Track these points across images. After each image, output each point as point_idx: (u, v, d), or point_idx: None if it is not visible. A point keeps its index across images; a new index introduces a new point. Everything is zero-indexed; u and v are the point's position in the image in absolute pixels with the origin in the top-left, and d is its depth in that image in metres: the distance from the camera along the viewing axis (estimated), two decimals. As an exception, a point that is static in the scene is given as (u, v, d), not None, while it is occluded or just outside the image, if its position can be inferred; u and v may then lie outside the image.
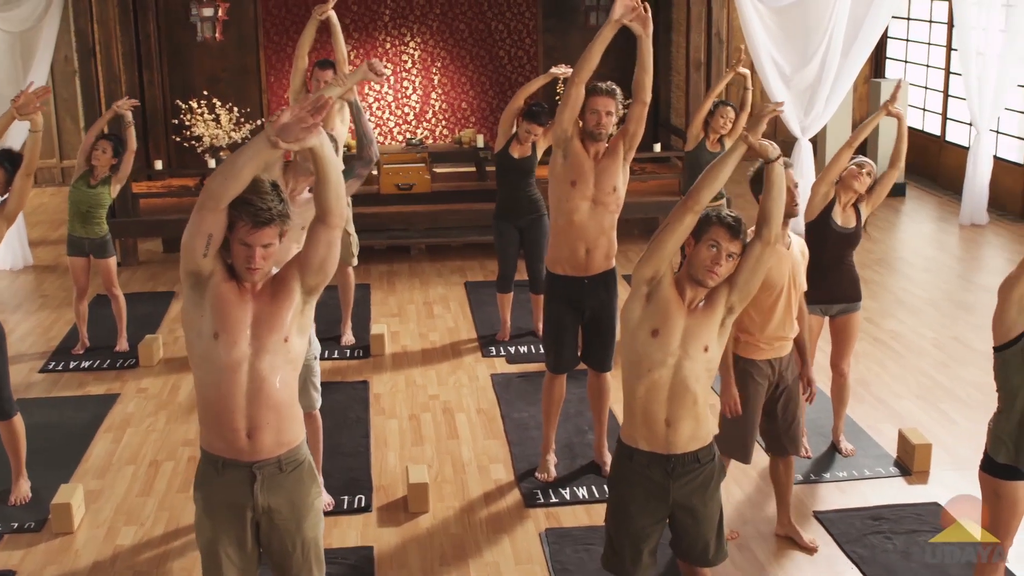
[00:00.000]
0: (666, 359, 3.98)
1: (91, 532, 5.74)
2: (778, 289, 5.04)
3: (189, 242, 3.65)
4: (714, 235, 4.01)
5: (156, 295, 9.72)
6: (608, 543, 4.25)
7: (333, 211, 3.71)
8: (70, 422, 7.04)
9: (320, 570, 3.99)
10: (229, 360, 3.68)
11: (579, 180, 5.82)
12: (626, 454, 4.13)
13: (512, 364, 7.99)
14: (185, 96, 12.00)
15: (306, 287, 3.78)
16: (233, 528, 3.84)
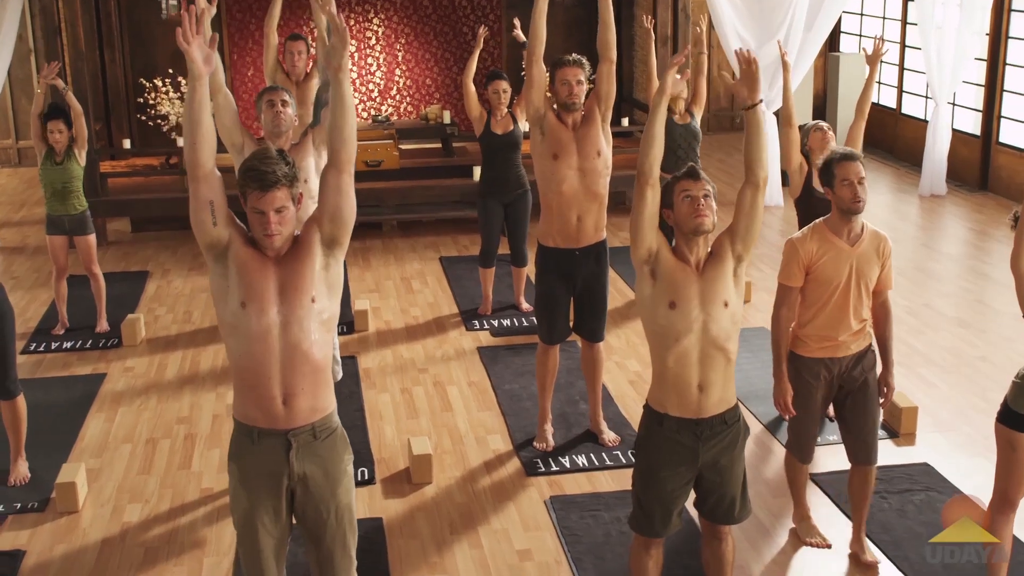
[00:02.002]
0: (691, 325, 4.06)
1: (96, 511, 5.75)
2: (833, 285, 4.85)
3: (195, 216, 3.70)
4: (680, 189, 4.08)
5: (130, 275, 9.68)
6: (637, 506, 4.34)
7: (341, 152, 3.74)
8: (59, 403, 7.01)
9: (353, 536, 4.05)
10: (259, 328, 3.71)
11: (560, 152, 5.90)
12: (655, 420, 4.22)
13: (496, 337, 8.08)
14: (147, 75, 11.91)
15: (325, 240, 3.78)
16: (269, 497, 3.89)
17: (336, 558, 4.00)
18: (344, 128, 3.72)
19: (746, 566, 5.11)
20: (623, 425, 6.56)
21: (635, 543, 4.44)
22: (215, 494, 5.88)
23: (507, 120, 8.13)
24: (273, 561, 3.97)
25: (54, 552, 5.37)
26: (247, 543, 3.95)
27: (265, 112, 5.69)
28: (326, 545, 3.97)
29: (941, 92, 11.85)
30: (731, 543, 4.49)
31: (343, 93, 3.70)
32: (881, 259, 4.87)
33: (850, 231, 4.82)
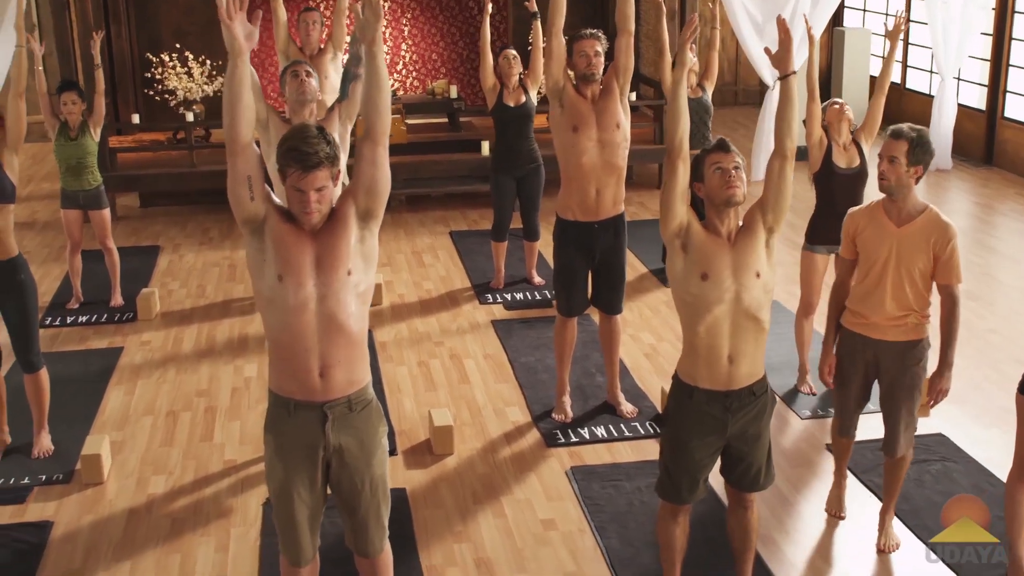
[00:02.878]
0: (723, 295, 4.10)
1: (121, 482, 5.80)
2: (871, 262, 4.83)
3: (233, 191, 3.71)
4: (711, 162, 4.11)
5: (141, 249, 9.70)
6: (664, 473, 4.39)
7: (376, 125, 3.75)
8: (78, 376, 7.05)
9: (387, 506, 4.11)
10: (296, 301, 3.74)
11: (580, 125, 5.94)
12: (685, 392, 4.26)
13: (510, 310, 8.13)
14: (153, 50, 11.90)
15: (360, 213, 3.81)
16: (305, 469, 3.93)
17: (370, 528, 4.05)
18: (379, 101, 3.74)
19: (768, 535, 5.17)
20: (640, 397, 6.61)
21: (662, 510, 4.50)
22: (238, 466, 5.94)
23: (518, 92, 8.17)
24: (308, 531, 4.03)
25: (81, 523, 5.42)
26: (283, 513, 4.00)
27: (289, 83, 5.72)
28: (360, 515, 4.03)
29: (947, 67, 11.88)
30: (756, 511, 4.55)
31: (377, 66, 3.73)
32: (933, 249, 4.71)
33: (899, 211, 4.78)
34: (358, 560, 4.17)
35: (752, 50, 11.28)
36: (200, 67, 11.39)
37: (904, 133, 4.75)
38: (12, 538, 5.28)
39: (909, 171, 4.74)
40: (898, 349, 4.90)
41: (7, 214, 5.76)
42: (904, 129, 4.78)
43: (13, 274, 5.78)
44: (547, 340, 7.44)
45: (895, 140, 4.72)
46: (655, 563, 4.90)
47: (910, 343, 4.89)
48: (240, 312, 8.19)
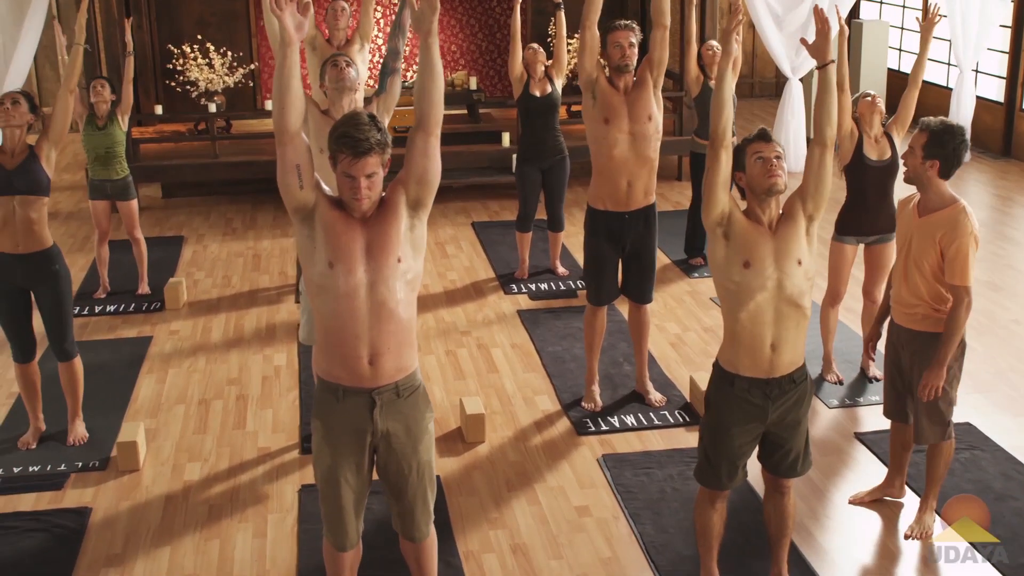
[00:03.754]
0: (765, 283, 4.14)
1: (156, 469, 5.86)
2: (898, 248, 4.98)
3: (282, 180, 3.76)
4: (752, 151, 4.15)
5: (165, 239, 9.76)
6: (704, 459, 4.44)
7: (429, 115, 3.80)
8: (109, 365, 7.11)
9: (433, 491, 4.16)
10: (347, 288, 3.79)
11: (612, 117, 5.97)
12: (727, 380, 4.31)
13: (535, 300, 8.18)
14: (174, 41, 11.95)
15: (411, 201, 3.85)
16: (352, 454, 3.98)
17: (417, 512, 4.11)
18: (433, 92, 3.78)
19: (799, 522, 5.21)
20: (667, 386, 6.66)
21: (700, 496, 4.54)
22: (272, 452, 5.99)
23: (544, 82, 8.21)
24: (353, 515, 4.09)
25: (120, 508, 5.48)
26: (330, 498, 4.06)
27: (329, 72, 5.76)
28: (408, 499, 4.08)
29: (965, 59, 11.90)
30: (793, 498, 4.60)
31: (432, 57, 3.77)
32: (940, 244, 4.75)
33: (924, 202, 4.86)
34: (403, 543, 4.23)
35: (771, 41, 11.31)
36: (221, 58, 11.45)
37: (925, 125, 4.82)
38: (53, 523, 5.34)
39: (924, 164, 4.79)
40: (911, 336, 4.98)
41: (41, 206, 5.81)
42: (928, 121, 4.84)
43: (48, 264, 5.83)
44: (574, 330, 7.49)
45: (917, 131, 4.82)
46: (689, 549, 4.96)
47: (922, 334, 4.93)
48: (267, 302, 8.25)
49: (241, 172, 10.86)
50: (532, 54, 8.21)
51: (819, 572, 4.86)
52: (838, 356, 6.89)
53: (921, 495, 5.26)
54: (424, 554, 4.22)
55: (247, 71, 11.79)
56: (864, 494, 5.45)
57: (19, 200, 5.70)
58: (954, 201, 4.81)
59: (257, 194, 11.09)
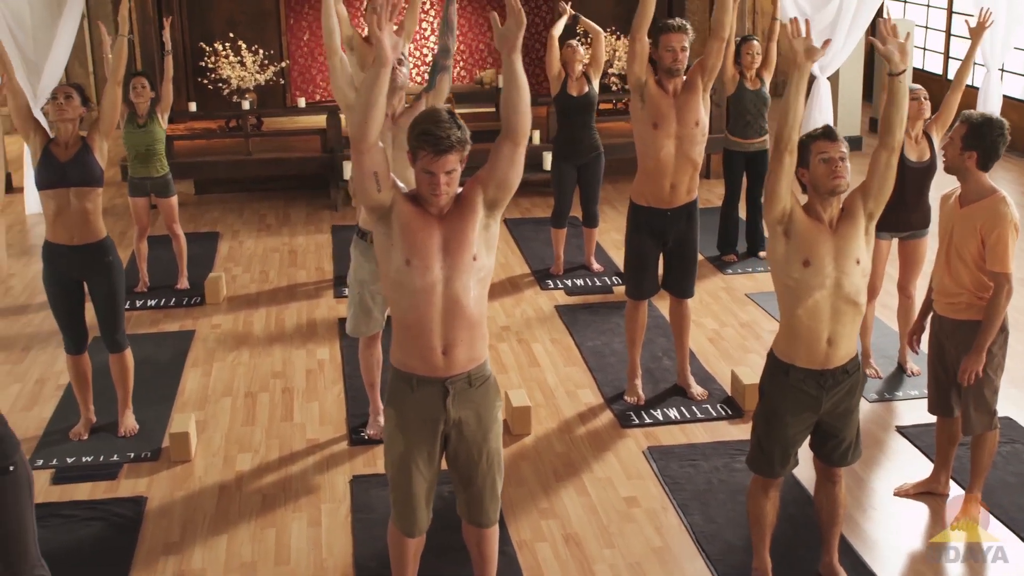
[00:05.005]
0: (823, 281, 4.21)
1: (208, 459, 5.95)
2: (940, 239, 5.06)
3: (359, 185, 3.84)
4: (817, 151, 4.18)
5: (201, 235, 9.84)
6: (757, 446, 4.53)
7: (518, 127, 3.85)
8: (154, 358, 7.19)
9: (501, 478, 4.24)
10: (423, 284, 3.87)
11: (660, 122, 6.03)
12: (782, 369, 4.38)
13: (571, 296, 8.26)
14: (206, 39, 12.06)
15: (488, 202, 3.93)
16: (425, 442, 4.07)
17: (486, 499, 4.20)
18: (519, 104, 3.81)
19: (848, 513, 5.26)
20: (708, 380, 6.73)
21: (753, 486, 4.62)
22: (321, 444, 6.08)
23: (581, 82, 8.28)
24: (423, 503, 4.17)
25: (174, 498, 5.57)
26: (401, 485, 4.14)
27: None
28: (476, 486, 4.17)
29: (992, 58, 11.93)
30: (843, 486, 4.68)
31: (515, 72, 3.79)
32: (980, 233, 4.85)
33: (964, 193, 4.95)
34: (467, 529, 4.32)
35: (800, 40, 11.35)
36: (252, 56, 11.55)
37: (967, 117, 4.92)
38: (110, 512, 5.43)
39: (963, 155, 4.88)
40: (955, 326, 5.04)
41: (96, 197, 5.90)
42: (970, 114, 4.94)
43: (102, 255, 5.92)
44: (612, 325, 7.57)
45: (959, 123, 4.91)
46: (739, 539, 5.04)
47: (965, 323, 5.00)
48: (306, 297, 8.34)
49: (273, 169, 10.97)
50: (571, 52, 8.28)
51: (867, 561, 4.93)
52: (875, 351, 6.95)
53: (966, 488, 5.33)
54: (487, 540, 4.30)
55: (277, 69, 11.88)
56: (910, 487, 5.52)
57: (74, 192, 5.79)
58: (994, 191, 4.91)
59: (289, 191, 11.20)
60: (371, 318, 5.89)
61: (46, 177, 5.77)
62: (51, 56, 10.52)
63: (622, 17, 13.05)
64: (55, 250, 5.86)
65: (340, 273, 8.73)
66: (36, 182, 5.84)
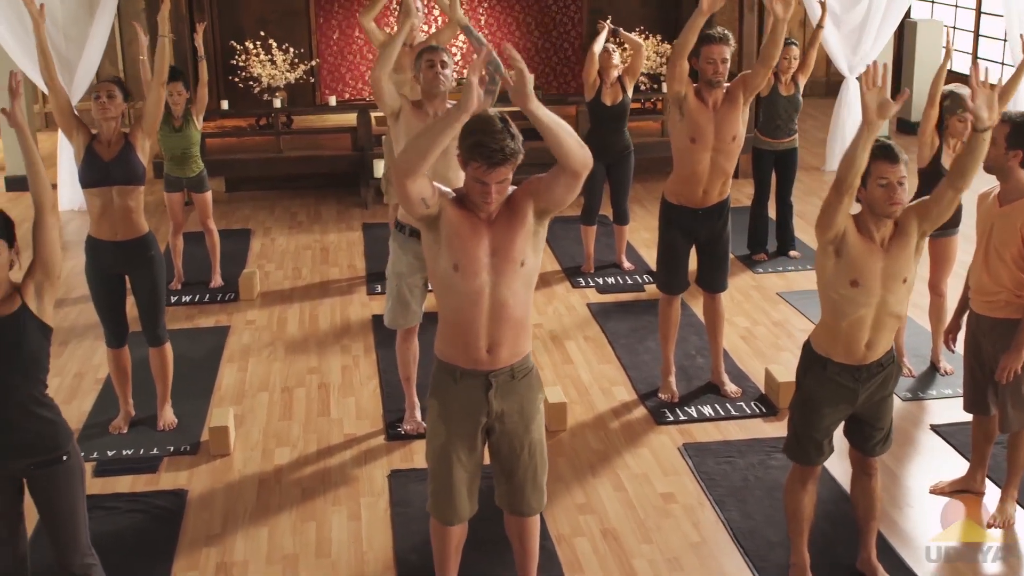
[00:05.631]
0: (870, 300, 4.24)
1: (247, 453, 6.01)
2: (978, 238, 5.09)
3: (407, 206, 3.86)
4: (878, 173, 4.12)
5: (232, 232, 9.90)
6: (793, 436, 4.58)
7: (570, 163, 3.79)
8: (190, 353, 7.25)
9: (544, 470, 4.30)
10: (470, 289, 3.91)
11: (698, 136, 6.06)
12: (819, 362, 4.43)
13: (603, 294, 8.29)
14: (235, 37, 12.14)
15: (539, 212, 3.96)
16: (467, 432, 4.13)
17: (527, 490, 4.26)
18: (563, 146, 3.76)
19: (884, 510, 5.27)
20: (741, 378, 6.76)
21: (790, 479, 4.67)
22: (359, 438, 6.14)
23: (616, 89, 8.30)
24: (464, 492, 4.22)
25: (215, 491, 5.64)
26: (441, 474, 4.20)
27: (424, 72, 5.69)
28: (518, 477, 4.22)
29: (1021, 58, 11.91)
30: (879, 480, 4.73)
31: (541, 120, 3.71)
32: (1020, 232, 4.88)
33: (1005, 192, 4.98)
34: (508, 520, 4.39)
35: (829, 40, 11.36)
36: (283, 55, 11.62)
37: (1008, 117, 4.91)
38: (152, 504, 5.50)
39: (1008, 154, 4.89)
40: (992, 324, 5.06)
41: (138, 195, 5.96)
42: (1010, 113, 4.95)
43: (145, 250, 5.98)
44: (644, 323, 7.60)
45: (1000, 123, 4.87)
46: (777, 536, 5.07)
47: (1003, 321, 5.01)
48: (339, 293, 8.40)
49: (304, 167, 11.04)
50: (606, 58, 8.25)
51: (904, 557, 4.96)
52: (907, 350, 6.97)
53: (1002, 486, 5.34)
54: (528, 531, 4.37)
55: (308, 67, 11.95)
56: (945, 484, 5.54)
57: (117, 190, 5.85)
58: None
59: (319, 188, 11.26)
60: (409, 311, 5.94)
61: (90, 176, 5.83)
62: (84, 54, 10.63)
63: (649, 17, 13.09)
64: (98, 245, 5.93)
65: (372, 270, 8.79)
66: (80, 180, 5.90)
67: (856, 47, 11.37)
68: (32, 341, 3.90)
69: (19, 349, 3.87)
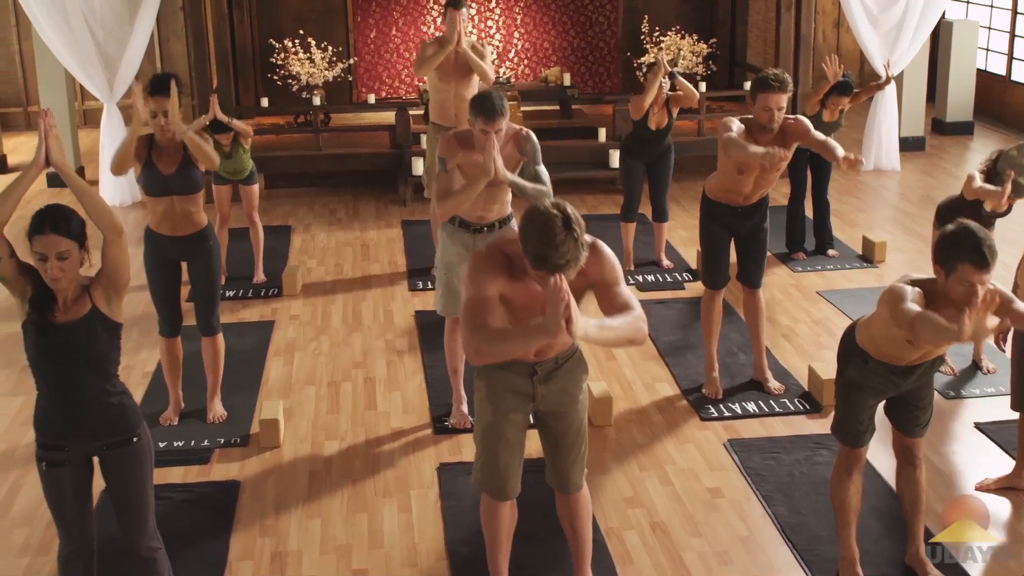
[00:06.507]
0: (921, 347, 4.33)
1: (296, 446, 6.09)
2: None
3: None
4: (965, 274, 4.01)
5: (273, 228, 9.96)
6: (842, 416, 4.66)
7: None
8: (236, 347, 7.32)
9: (585, 447, 4.44)
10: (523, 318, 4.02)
11: (746, 169, 6.13)
12: (861, 357, 4.51)
13: (643, 292, 8.33)
14: (274, 35, 12.25)
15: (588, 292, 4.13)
16: (512, 411, 4.25)
17: (573, 467, 4.40)
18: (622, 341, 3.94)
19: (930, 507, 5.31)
20: (784, 375, 6.80)
21: (836, 471, 4.74)
22: (406, 431, 6.22)
23: (662, 114, 8.31)
24: (511, 469, 4.36)
25: (266, 482, 5.72)
26: (489, 452, 4.32)
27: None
28: (563, 455, 4.37)
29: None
30: (924, 470, 4.79)
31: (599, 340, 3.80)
32: None
33: None
34: (559, 497, 4.50)
35: (865, 40, 11.38)
36: (322, 53, 11.72)
37: None
38: (206, 495, 5.60)
39: None
40: None
41: (198, 199, 6.01)
42: None
43: (203, 241, 6.05)
44: (686, 320, 7.66)
45: None
46: (824, 530, 5.12)
47: None
48: (381, 289, 8.48)
49: (342, 164, 11.13)
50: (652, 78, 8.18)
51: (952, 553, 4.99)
52: (951, 350, 6.99)
53: None
54: (578, 505, 4.47)
55: (345, 66, 12.05)
56: (991, 481, 5.57)
57: (177, 199, 5.91)
58: None
59: (357, 186, 11.34)
60: (458, 299, 6.02)
61: (151, 188, 5.89)
62: (126, 54, 10.76)
63: (686, 16, 13.15)
64: (158, 237, 6.02)
65: (414, 267, 8.88)
66: (141, 188, 5.95)
67: (893, 47, 11.38)
68: (102, 340, 4.02)
69: (90, 350, 4.00)
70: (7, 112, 13.97)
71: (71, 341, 3.96)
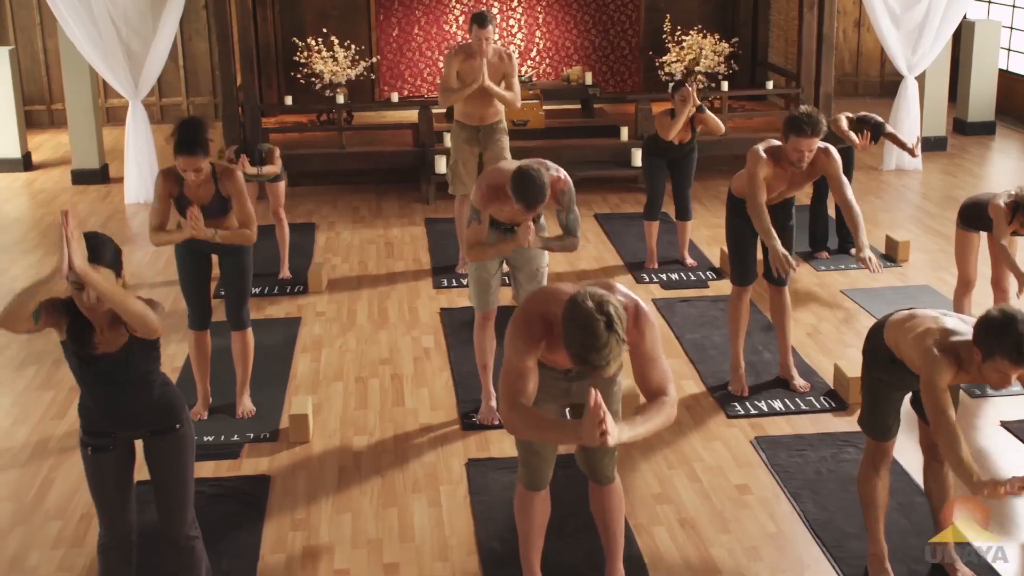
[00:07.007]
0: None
1: (325, 441, 6.14)
2: None
3: None
4: (1000, 366, 4.02)
5: (297, 226, 9.99)
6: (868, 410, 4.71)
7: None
8: (263, 343, 7.33)
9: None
10: None
11: (775, 187, 6.21)
12: (887, 356, 4.54)
13: (667, 290, 8.37)
14: (297, 33, 12.31)
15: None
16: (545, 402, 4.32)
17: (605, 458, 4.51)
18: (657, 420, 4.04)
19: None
20: (809, 373, 6.83)
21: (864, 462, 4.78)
22: (434, 427, 6.26)
23: (686, 131, 8.35)
24: (548, 460, 4.46)
25: (296, 477, 5.77)
26: (522, 444, 4.42)
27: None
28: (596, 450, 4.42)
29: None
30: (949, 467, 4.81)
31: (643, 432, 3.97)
32: None
33: None
34: (592, 488, 4.58)
35: (888, 39, 11.38)
36: (345, 51, 11.77)
37: None
38: (237, 489, 5.65)
39: None
40: None
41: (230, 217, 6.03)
42: None
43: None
44: (710, 318, 7.69)
45: None
46: (852, 527, 5.14)
47: None
48: (406, 286, 8.52)
49: (365, 162, 11.17)
50: (681, 103, 8.19)
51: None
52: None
53: None
54: (611, 496, 4.55)
55: (368, 64, 12.10)
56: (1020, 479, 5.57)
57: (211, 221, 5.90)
58: None
59: (379, 184, 11.40)
60: (488, 293, 6.09)
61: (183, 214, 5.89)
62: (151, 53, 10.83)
63: (708, 15, 13.16)
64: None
65: (438, 264, 8.92)
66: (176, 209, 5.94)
67: (916, 46, 11.38)
68: (143, 361, 4.12)
69: (132, 372, 4.11)
70: (32, 110, 14.04)
71: (113, 369, 4.07)
